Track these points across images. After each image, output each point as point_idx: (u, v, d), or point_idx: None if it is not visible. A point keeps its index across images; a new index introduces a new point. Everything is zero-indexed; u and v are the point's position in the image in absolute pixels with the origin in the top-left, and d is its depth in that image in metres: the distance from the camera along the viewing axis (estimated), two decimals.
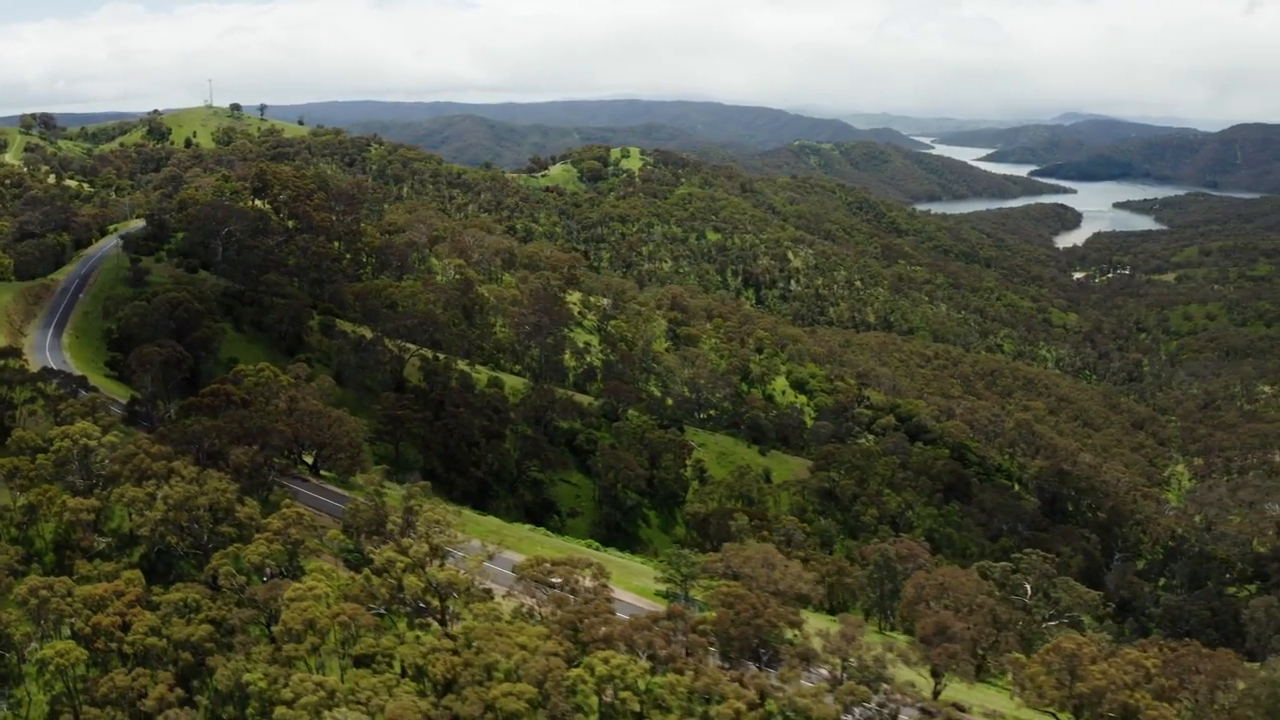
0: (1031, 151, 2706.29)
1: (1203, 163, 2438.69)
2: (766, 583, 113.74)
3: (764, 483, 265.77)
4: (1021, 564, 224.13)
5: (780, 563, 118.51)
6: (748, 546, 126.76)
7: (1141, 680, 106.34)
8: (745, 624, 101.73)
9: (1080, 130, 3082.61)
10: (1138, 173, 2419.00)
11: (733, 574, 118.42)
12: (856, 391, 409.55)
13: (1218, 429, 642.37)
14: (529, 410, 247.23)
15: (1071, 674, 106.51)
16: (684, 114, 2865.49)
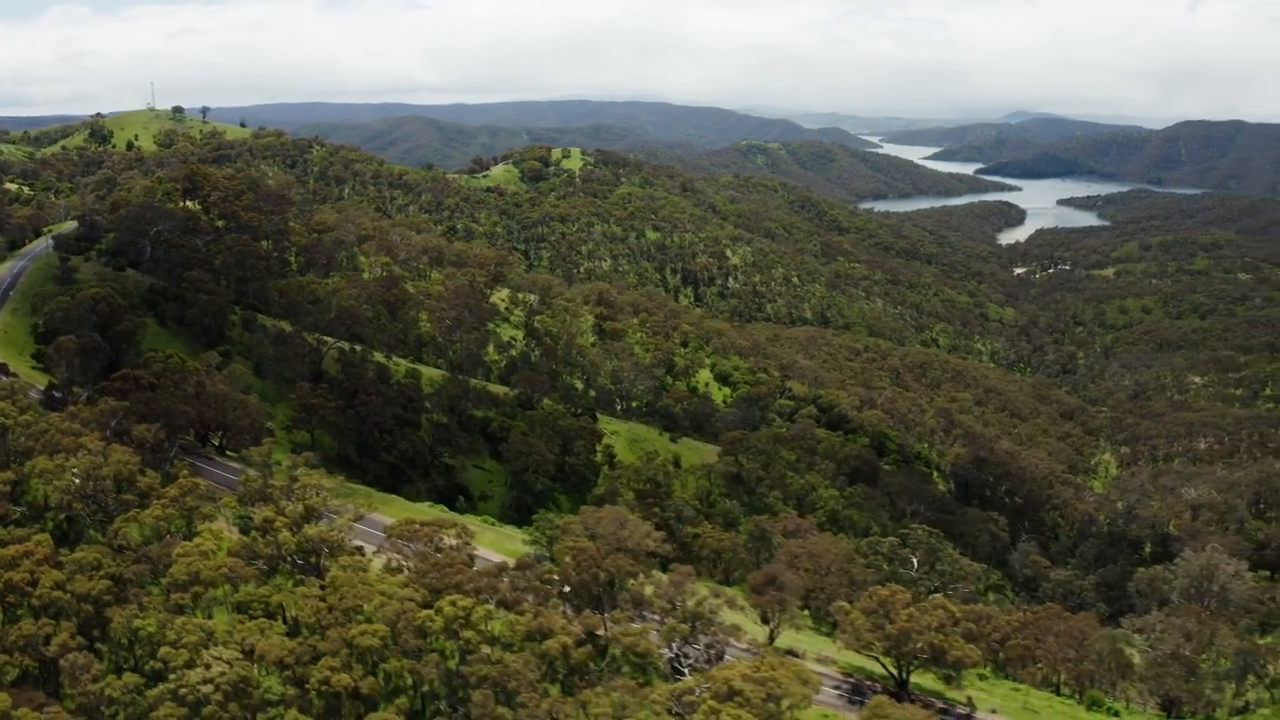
0: (978, 150, 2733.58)
1: (1147, 160, 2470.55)
2: (615, 540, 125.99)
3: (673, 467, 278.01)
4: (909, 539, 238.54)
5: (631, 523, 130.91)
6: (602, 509, 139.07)
7: (948, 623, 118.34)
8: (585, 572, 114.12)
9: (1027, 129, 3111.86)
10: (1083, 170, 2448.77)
11: (590, 534, 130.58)
12: (779, 383, 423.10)
13: (1145, 418, 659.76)
14: (444, 400, 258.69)
15: (885, 617, 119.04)
16: (633, 114, 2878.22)
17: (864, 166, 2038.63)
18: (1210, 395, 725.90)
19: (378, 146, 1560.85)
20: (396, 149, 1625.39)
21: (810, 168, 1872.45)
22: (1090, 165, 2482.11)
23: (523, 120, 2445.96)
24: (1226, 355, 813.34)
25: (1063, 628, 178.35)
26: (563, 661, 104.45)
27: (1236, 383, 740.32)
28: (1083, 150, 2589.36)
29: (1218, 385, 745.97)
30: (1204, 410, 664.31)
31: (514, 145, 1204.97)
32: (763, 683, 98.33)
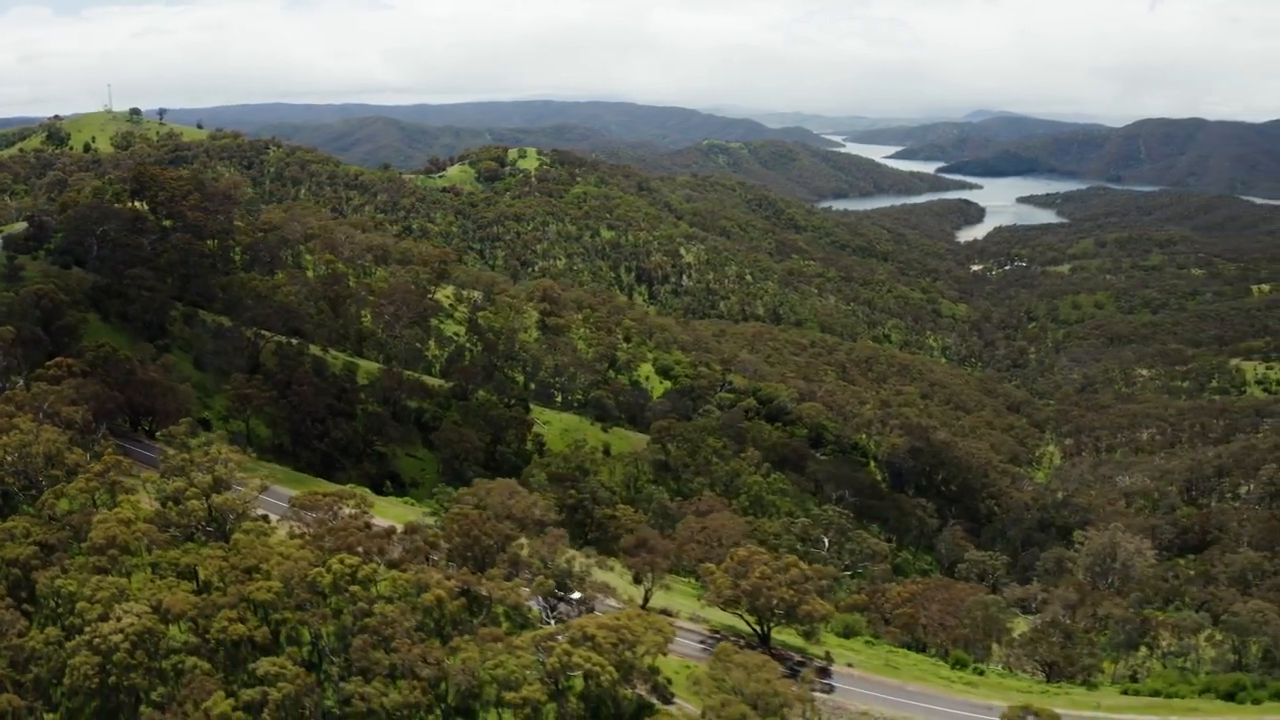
0: (940, 149, 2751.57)
1: (1107, 158, 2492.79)
2: (503, 509, 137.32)
3: (603, 455, 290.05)
4: (821, 520, 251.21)
5: (519, 494, 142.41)
6: (494, 482, 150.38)
7: (799, 580, 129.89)
8: (465, 535, 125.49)
9: (989, 127, 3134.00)
10: (1044, 168, 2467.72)
11: (480, 504, 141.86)
12: (720, 376, 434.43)
13: (1091, 411, 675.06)
14: (378, 391, 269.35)
15: (742, 575, 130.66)
16: (597, 114, 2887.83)
17: (825, 166, 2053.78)
18: (1157, 388, 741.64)
19: (340, 147, 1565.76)
20: (359, 150, 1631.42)
21: (772, 167, 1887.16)
22: (1051, 163, 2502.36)
23: (486, 121, 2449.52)
24: (1174, 349, 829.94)
25: (945, 596, 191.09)
26: (438, 612, 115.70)
27: (1183, 375, 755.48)
28: (1044, 149, 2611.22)
29: (1164, 378, 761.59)
30: (1148, 403, 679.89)
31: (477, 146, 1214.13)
32: (615, 630, 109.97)
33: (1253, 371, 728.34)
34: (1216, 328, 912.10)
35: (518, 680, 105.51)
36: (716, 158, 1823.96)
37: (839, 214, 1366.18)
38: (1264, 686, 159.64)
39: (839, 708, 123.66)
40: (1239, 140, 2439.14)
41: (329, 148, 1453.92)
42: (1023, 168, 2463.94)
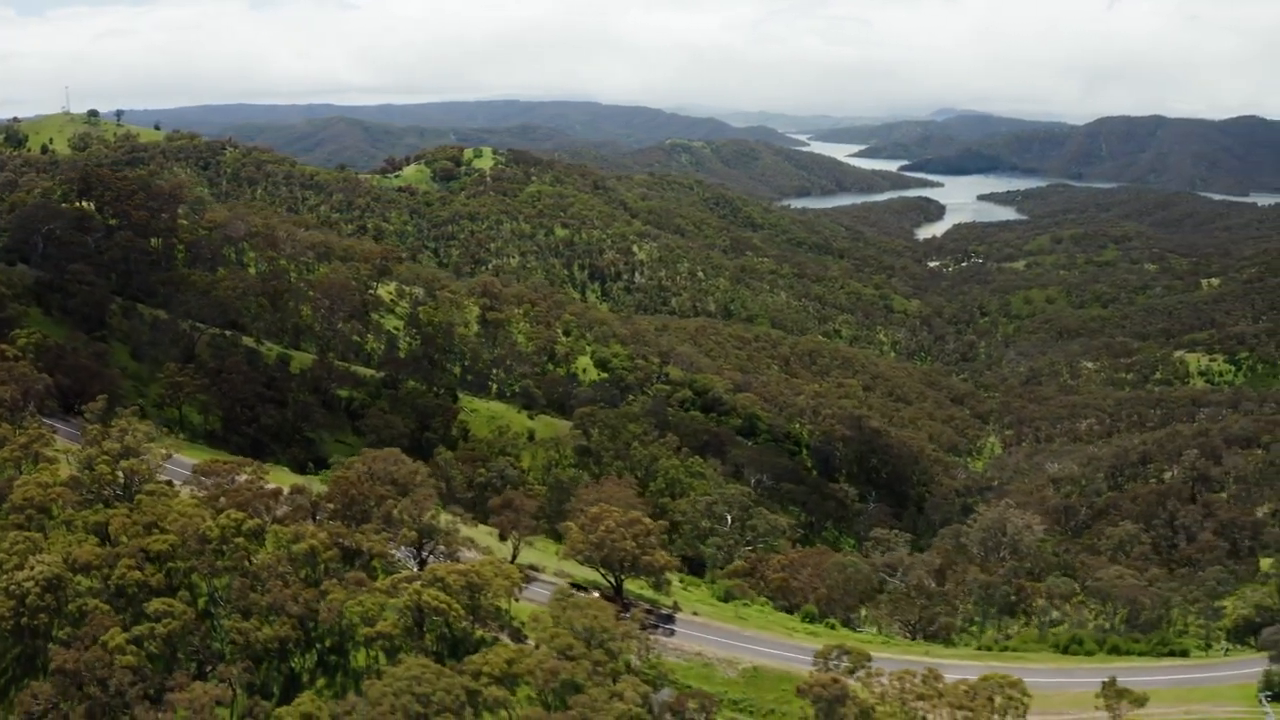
0: (903, 147, 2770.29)
1: (1068, 155, 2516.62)
2: (386, 475, 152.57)
3: (527, 440, 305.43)
4: (726, 499, 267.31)
5: (402, 462, 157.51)
6: (381, 450, 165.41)
7: (642, 534, 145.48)
8: (345, 495, 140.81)
9: (952, 126, 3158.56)
10: (1005, 166, 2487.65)
11: (369, 471, 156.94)
12: (657, 368, 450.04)
13: (1033, 402, 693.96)
14: (309, 380, 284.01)
15: (592, 530, 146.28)
16: (562, 114, 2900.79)
17: (788, 164, 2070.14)
18: (1101, 380, 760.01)
19: (303, 148, 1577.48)
20: (322, 150, 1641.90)
21: (734, 165, 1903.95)
22: (1013, 161, 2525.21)
23: (451, 121, 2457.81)
24: (1120, 342, 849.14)
25: (816, 563, 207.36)
26: (309, 560, 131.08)
27: (1127, 368, 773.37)
28: (1006, 146, 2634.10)
29: (1109, 370, 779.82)
30: (1088, 394, 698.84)
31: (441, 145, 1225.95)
32: (465, 574, 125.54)
33: (1196, 363, 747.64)
34: (1164, 321, 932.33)
35: (374, 616, 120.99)
36: (679, 157, 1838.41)
37: (796, 212, 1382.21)
38: (1104, 643, 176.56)
39: (677, 648, 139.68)
40: (1200, 137, 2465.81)
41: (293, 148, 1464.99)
42: (985, 166, 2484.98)
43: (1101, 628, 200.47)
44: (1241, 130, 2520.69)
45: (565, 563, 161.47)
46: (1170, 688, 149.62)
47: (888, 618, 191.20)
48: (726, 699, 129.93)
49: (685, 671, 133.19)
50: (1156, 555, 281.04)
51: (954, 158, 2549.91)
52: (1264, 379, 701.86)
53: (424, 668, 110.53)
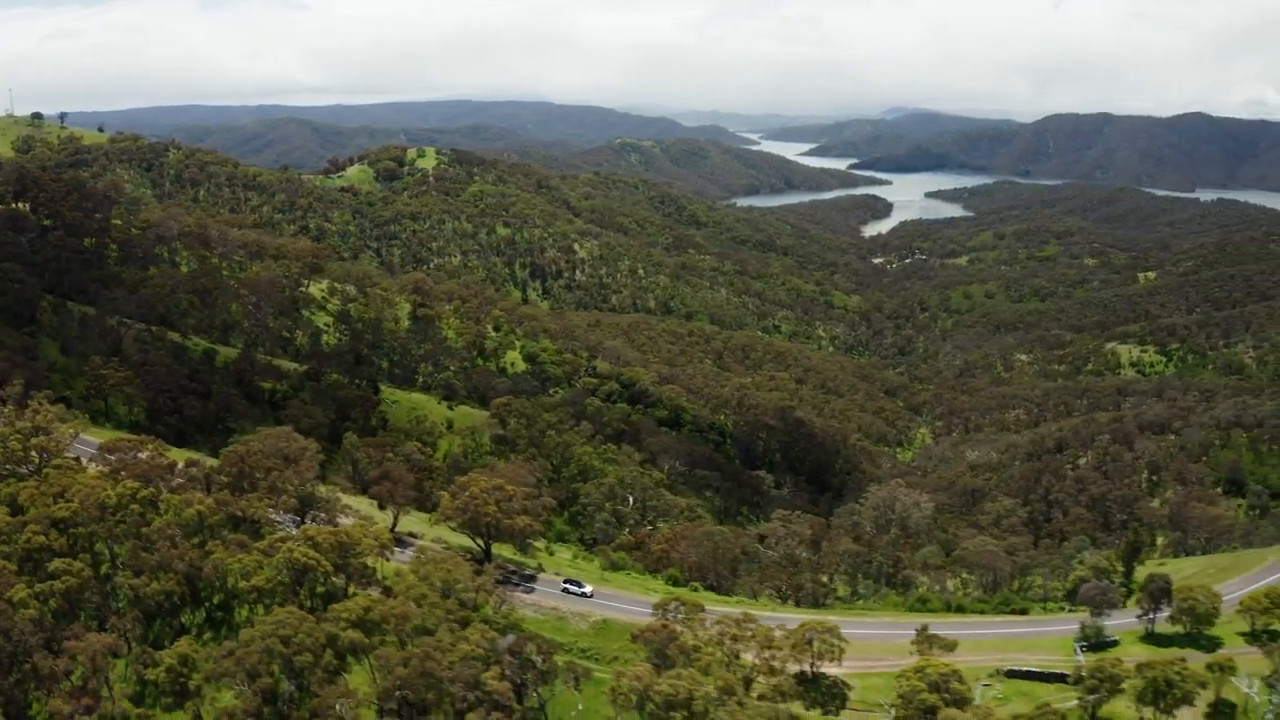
0: (853, 146, 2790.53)
1: (1017, 152, 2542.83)
2: (276, 451, 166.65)
3: (445, 429, 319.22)
4: (628, 482, 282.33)
5: (295, 440, 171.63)
6: (275, 429, 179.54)
7: (504, 500, 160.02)
8: (236, 468, 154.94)
9: (902, 124, 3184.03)
10: (954, 163, 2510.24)
11: (263, 448, 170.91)
12: (585, 362, 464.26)
13: (964, 394, 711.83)
14: (233, 374, 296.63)
15: (458, 496, 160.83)
16: (514, 114, 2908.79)
17: (738, 163, 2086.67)
18: (1035, 372, 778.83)
19: (253, 149, 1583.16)
20: (272, 151, 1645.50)
21: (684, 165, 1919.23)
22: (962, 159, 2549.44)
23: (402, 121, 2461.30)
24: (1055, 334, 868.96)
25: (700, 532, 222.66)
26: (199, 524, 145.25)
27: (1060, 360, 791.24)
28: (954, 144, 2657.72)
29: (1042, 363, 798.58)
30: (1019, 386, 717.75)
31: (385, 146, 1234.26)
32: (336, 535, 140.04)
33: (1127, 354, 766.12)
34: (1099, 314, 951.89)
35: (251, 572, 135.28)
36: (629, 156, 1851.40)
37: (742, 210, 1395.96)
38: (950, 604, 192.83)
39: (535, 604, 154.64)
40: (1146, 134, 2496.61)
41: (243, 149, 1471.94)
42: (934, 163, 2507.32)
43: (965, 591, 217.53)
44: (1188, 127, 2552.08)
45: (445, 531, 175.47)
46: (995, 639, 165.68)
47: (758, 584, 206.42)
48: (576, 647, 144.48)
49: (539, 624, 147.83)
50: (1030, 527, 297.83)
51: (903, 156, 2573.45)
52: (1193, 369, 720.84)
53: (290, 614, 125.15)
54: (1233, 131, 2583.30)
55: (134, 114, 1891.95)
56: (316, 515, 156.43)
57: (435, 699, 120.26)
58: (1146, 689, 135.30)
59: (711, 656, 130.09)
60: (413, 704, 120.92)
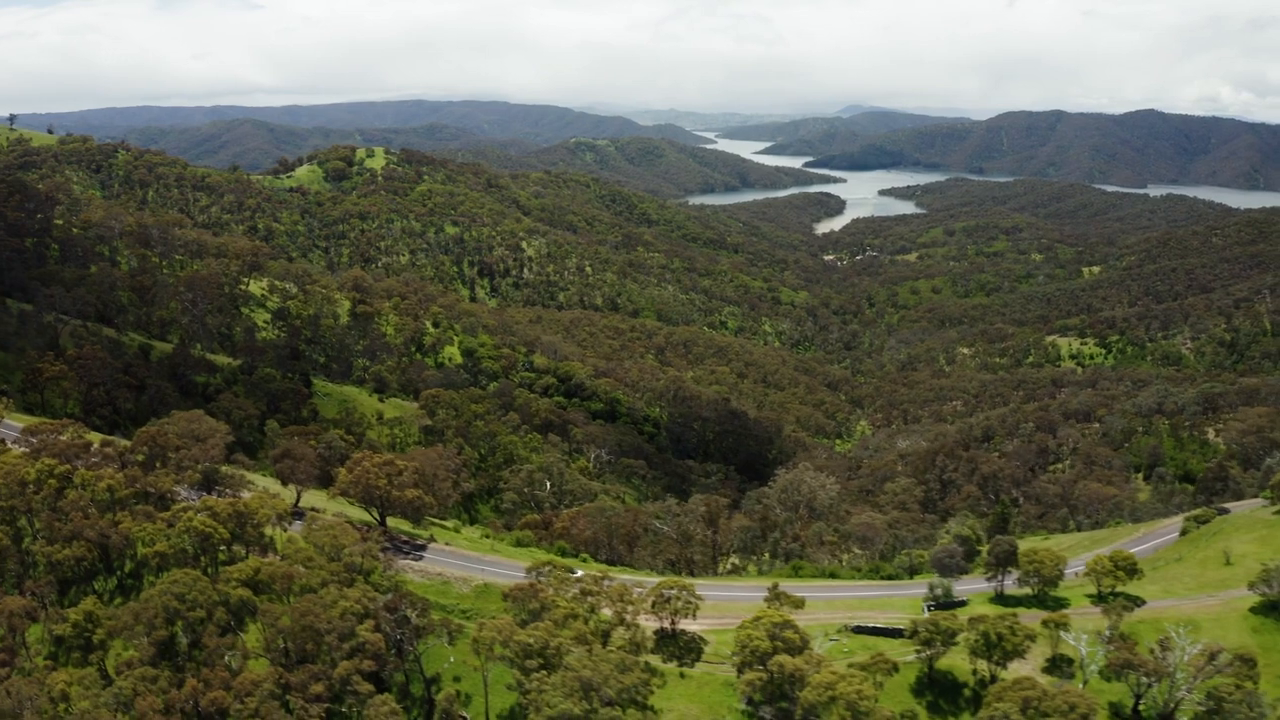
0: (809, 144, 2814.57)
1: (970, 149, 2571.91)
2: (189, 432, 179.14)
3: (375, 421, 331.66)
4: (543, 467, 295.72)
5: (206, 423, 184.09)
6: (188, 412, 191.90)
7: (394, 474, 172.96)
8: (148, 446, 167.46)
9: (857, 122, 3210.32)
10: (909, 161, 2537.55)
11: (178, 430, 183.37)
12: (522, 357, 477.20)
13: (904, 386, 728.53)
14: (167, 368, 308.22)
15: (352, 471, 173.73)
16: (470, 114, 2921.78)
17: (693, 162, 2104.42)
18: (976, 365, 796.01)
19: (207, 150, 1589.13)
20: (227, 152, 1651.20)
21: (639, 164, 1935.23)
22: (916, 156, 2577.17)
23: (358, 121, 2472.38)
24: (997, 328, 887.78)
25: (590, 512, 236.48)
26: (109, 497, 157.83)
27: (1001, 352, 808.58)
28: (909, 142, 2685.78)
29: (983, 355, 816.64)
30: (958, 378, 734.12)
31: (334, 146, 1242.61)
32: (234, 505, 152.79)
33: (1067, 347, 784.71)
34: (1042, 307, 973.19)
35: (154, 539, 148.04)
36: (584, 155, 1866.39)
37: (694, 208, 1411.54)
38: (824, 571, 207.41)
39: (422, 570, 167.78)
40: (1098, 131, 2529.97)
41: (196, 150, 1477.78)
42: (888, 161, 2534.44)
43: (854, 563, 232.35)
44: (1140, 123, 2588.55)
45: (348, 506, 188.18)
46: (852, 600, 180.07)
47: (652, 557, 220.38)
48: (457, 609, 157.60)
49: (424, 587, 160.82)
50: (926, 505, 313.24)
51: (858, 154, 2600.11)
52: (1132, 361, 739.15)
53: (186, 575, 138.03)
54: (1185, 128, 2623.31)
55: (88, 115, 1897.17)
56: (222, 490, 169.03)
57: (315, 649, 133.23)
58: (979, 642, 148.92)
59: (568, 610, 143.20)
60: (294, 654, 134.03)
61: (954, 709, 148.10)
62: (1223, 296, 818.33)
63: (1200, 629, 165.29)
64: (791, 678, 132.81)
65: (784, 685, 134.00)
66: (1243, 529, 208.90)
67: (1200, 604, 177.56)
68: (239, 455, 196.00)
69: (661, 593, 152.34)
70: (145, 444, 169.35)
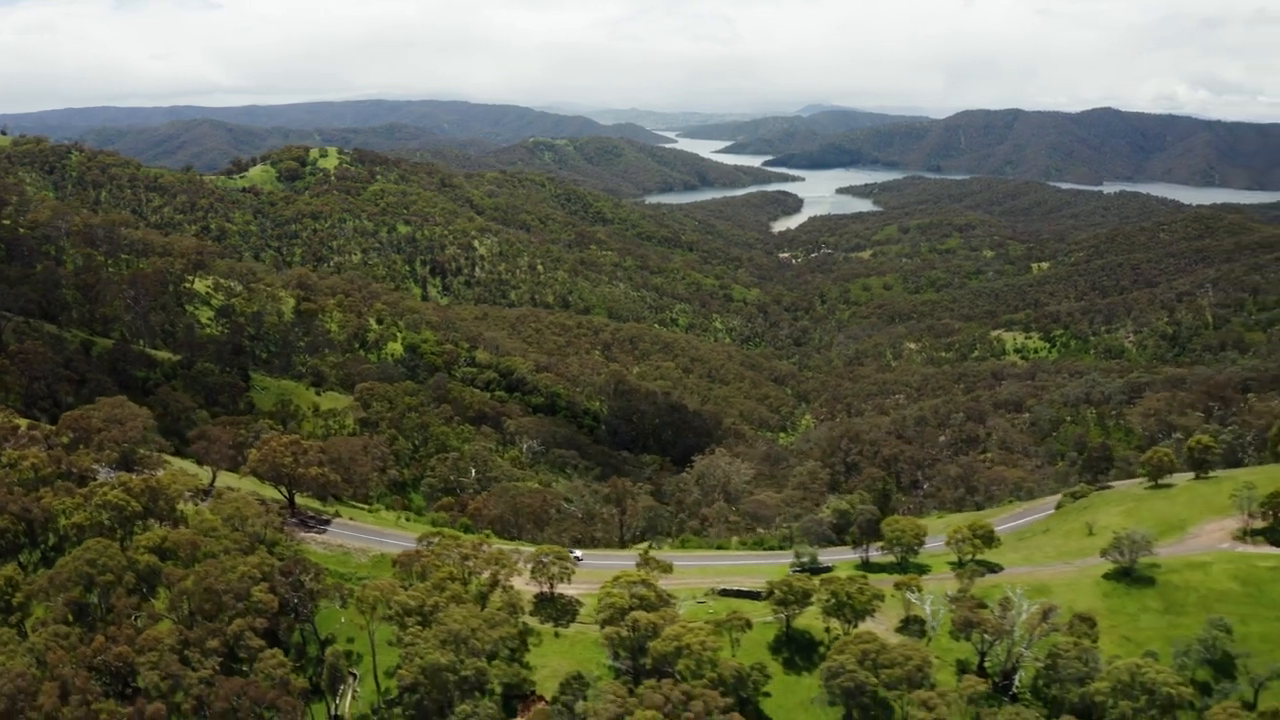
0: (768, 143, 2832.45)
1: (928, 148, 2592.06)
2: (111, 418, 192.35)
3: (312, 413, 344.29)
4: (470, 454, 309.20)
5: (128, 409, 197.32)
6: (112, 398, 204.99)
7: (300, 454, 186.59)
8: (71, 429, 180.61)
9: (817, 121, 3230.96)
10: (867, 160, 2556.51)
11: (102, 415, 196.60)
12: (465, 352, 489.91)
13: (850, 380, 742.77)
14: (108, 363, 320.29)
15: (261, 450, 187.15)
16: (430, 113, 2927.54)
17: (651, 161, 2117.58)
18: (923, 360, 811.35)
19: (165, 150, 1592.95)
20: (185, 153, 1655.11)
21: (598, 163, 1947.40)
22: (874, 155, 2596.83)
23: (317, 121, 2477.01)
24: (944, 323, 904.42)
25: (499, 493, 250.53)
26: (34, 476, 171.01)
27: (947, 347, 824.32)
28: (868, 141, 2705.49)
29: (930, 350, 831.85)
30: (902, 372, 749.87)
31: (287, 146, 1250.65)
32: (146, 482, 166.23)
33: (1012, 341, 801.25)
34: (990, 303, 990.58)
35: (72, 511, 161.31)
36: (543, 155, 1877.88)
37: (649, 207, 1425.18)
38: (711, 543, 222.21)
39: (325, 542, 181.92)
40: (1055, 129, 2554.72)
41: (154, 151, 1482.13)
42: (847, 160, 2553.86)
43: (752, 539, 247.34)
44: (1096, 121, 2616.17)
45: (262, 486, 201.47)
46: (726, 567, 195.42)
47: (556, 535, 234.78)
48: (354, 576, 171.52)
49: (325, 557, 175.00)
50: (830, 486, 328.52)
51: (817, 152, 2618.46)
52: (1076, 354, 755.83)
53: (98, 543, 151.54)
54: (1141, 126, 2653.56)
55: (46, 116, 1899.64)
56: (139, 469, 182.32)
57: (214, 610, 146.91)
58: (830, 602, 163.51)
59: (447, 573, 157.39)
60: (197, 614, 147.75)
61: (808, 664, 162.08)
62: (1166, 290, 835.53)
63: (1052, 593, 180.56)
64: (647, 631, 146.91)
65: (642, 639, 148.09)
66: (1112, 503, 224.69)
67: (1056, 570, 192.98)
68: (158, 439, 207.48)
69: (539, 559, 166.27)
70: (70, 427, 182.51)
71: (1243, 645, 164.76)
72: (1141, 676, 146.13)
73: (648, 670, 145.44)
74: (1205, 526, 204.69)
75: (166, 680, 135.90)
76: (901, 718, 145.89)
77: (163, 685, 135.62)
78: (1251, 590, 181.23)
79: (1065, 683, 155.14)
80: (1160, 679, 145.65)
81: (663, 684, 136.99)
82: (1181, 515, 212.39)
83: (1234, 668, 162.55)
